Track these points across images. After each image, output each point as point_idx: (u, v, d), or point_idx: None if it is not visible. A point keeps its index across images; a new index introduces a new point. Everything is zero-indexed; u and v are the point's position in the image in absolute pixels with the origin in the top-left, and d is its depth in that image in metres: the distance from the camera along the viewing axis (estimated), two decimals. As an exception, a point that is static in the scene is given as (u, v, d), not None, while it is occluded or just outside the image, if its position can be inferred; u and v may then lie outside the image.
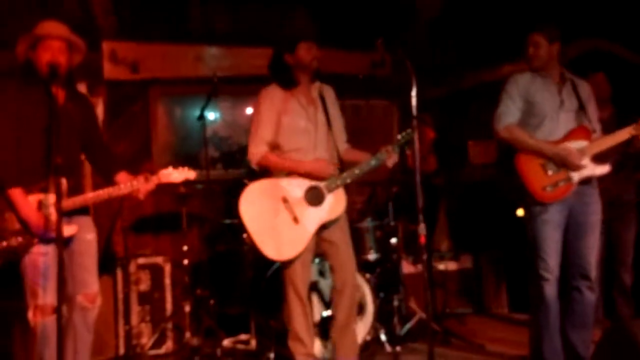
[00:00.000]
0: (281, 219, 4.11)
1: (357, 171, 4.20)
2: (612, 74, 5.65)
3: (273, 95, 4.25)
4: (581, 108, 4.28)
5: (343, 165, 4.32)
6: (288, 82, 4.26)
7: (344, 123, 4.52)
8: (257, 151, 4.22)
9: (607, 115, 5.00)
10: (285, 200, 4.14)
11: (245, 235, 4.21)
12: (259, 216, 4.11)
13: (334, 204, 4.20)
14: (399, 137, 4.24)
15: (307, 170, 4.16)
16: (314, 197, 4.17)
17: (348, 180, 4.21)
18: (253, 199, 4.15)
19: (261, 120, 4.24)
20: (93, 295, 3.81)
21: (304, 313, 4.22)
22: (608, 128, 4.37)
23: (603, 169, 4.20)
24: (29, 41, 3.68)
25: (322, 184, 4.17)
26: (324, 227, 4.24)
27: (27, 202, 3.58)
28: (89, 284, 3.80)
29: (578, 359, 4.20)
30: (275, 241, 4.08)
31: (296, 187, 4.17)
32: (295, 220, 4.12)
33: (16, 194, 3.57)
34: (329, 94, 4.44)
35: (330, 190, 4.18)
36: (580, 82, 4.38)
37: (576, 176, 4.14)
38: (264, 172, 4.30)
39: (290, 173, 4.19)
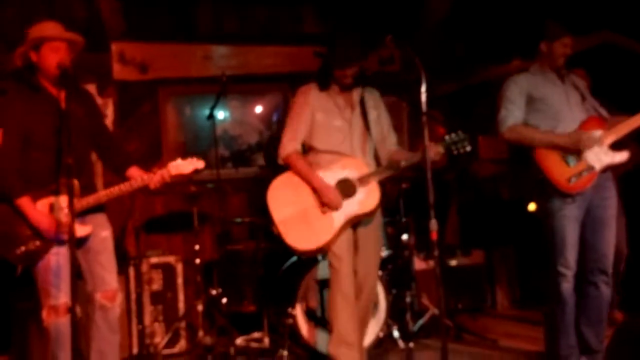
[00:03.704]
0: (309, 209, 4.09)
1: (393, 168, 4.16)
2: (620, 66, 5.64)
3: (309, 93, 4.24)
4: (584, 99, 4.28)
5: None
6: (327, 84, 4.24)
7: (391, 124, 4.44)
8: (288, 148, 4.19)
9: None
10: (315, 191, 4.11)
11: (273, 228, 4.15)
12: (285, 205, 4.10)
13: (366, 198, 4.13)
14: (446, 137, 4.12)
15: (316, 187, 4.11)
16: (346, 189, 4.12)
17: (384, 175, 4.17)
18: (282, 188, 4.15)
19: (294, 117, 4.23)
20: (112, 292, 3.78)
21: (351, 314, 4.07)
22: None
23: (622, 156, 4.16)
24: (33, 44, 3.66)
25: (355, 177, 4.12)
26: (359, 226, 4.20)
27: (35, 209, 3.59)
28: (108, 282, 3.77)
29: (591, 353, 4.20)
30: (299, 230, 4.06)
31: (328, 178, 4.13)
32: (324, 211, 4.09)
33: (24, 202, 3.57)
34: (372, 97, 4.36)
35: (363, 184, 4.12)
36: (572, 75, 4.38)
37: (597, 165, 4.10)
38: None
39: (324, 165, 4.16)
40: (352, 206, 4.11)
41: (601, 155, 4.11)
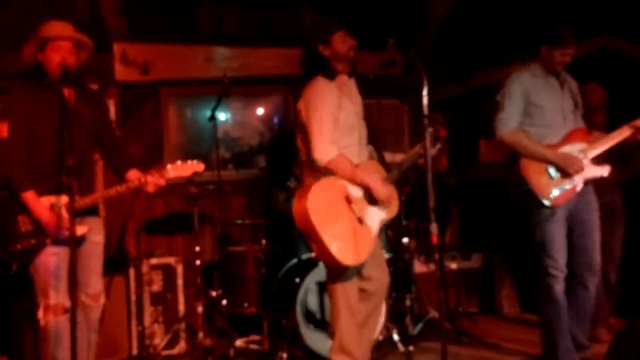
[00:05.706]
0: (349, 220, 3.81)
1: (405, 165, 4.02)
2: (620, 71, 5.63)
3: (327, 90, 3.89)
4: (576, 107, 4.31)
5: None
6: (330, 73, 3.94)
7: None
8: (330, 152, 3.80)
9: (600, 120, 4.95)
10: (348, 200, 3.84)
11: (311, 243, 3.84)
12: (329, 219, 3.75)
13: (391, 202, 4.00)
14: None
15: (370, 187, 3.86)
16: (373, 196, 3.91)
17: (396, 178, 4.02)
18: (320, 200, 3.77)
19: (324, 117, 3.82)
20: (97, 294, 3.86)
21: (354, 324, 3.91)
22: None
23: (604, 170, 4.20)
24: (37, 43, 3.69)
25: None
26: None
27: (40, 204, 3.63)
28: (93, 285, 3.84)
29: (582, 349, 4.30)
30: (349, 245, 3.76)
31: (356, 185, 3.90)
32: (360, 220, 3.85)
33: (29, 196, 3.62)
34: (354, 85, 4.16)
35: None
36: (570, 79, 4.38)
37: (579, 179, 4.14)
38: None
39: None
40: (382, 212, 3.97)
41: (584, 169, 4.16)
